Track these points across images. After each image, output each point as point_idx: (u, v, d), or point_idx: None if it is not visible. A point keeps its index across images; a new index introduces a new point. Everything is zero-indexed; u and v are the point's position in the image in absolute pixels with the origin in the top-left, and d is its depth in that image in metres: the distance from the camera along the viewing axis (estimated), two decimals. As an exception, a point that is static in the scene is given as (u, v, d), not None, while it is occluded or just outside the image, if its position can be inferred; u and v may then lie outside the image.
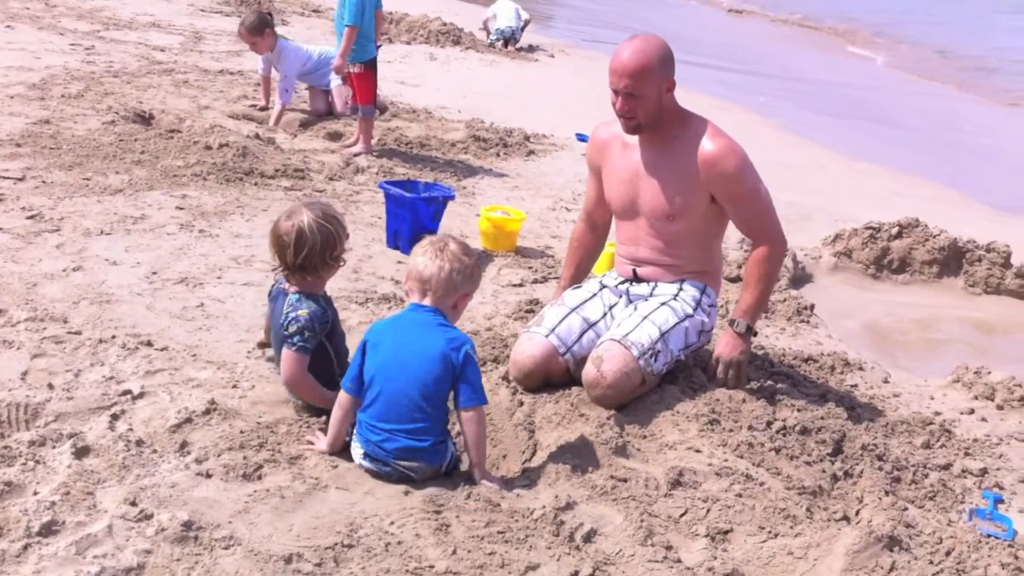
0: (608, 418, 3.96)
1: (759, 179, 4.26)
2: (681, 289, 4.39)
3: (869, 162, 10.93)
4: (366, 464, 3.40)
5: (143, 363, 3.98)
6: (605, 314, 4.42)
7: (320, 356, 3.68)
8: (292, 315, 3.60)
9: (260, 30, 8.54)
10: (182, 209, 5.92)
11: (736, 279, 6.14)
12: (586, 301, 4.44)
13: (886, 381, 5.06)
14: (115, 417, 3.51)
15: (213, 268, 5.11)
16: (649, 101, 4.10)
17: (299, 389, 3.65)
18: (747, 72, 16.73)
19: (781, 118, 12.84)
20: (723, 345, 4.29)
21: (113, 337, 4.16)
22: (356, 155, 7.74)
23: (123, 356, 4.01)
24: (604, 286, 4.52)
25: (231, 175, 6.68)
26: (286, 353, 3.61)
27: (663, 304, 4.30)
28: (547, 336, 4.26)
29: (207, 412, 3.58)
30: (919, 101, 15.24)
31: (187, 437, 3.44)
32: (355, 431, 3.46)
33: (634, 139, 4.31)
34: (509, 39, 15.44)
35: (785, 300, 5.85)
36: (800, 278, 6.62)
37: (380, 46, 8.05)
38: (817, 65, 18.41)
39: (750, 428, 3.99)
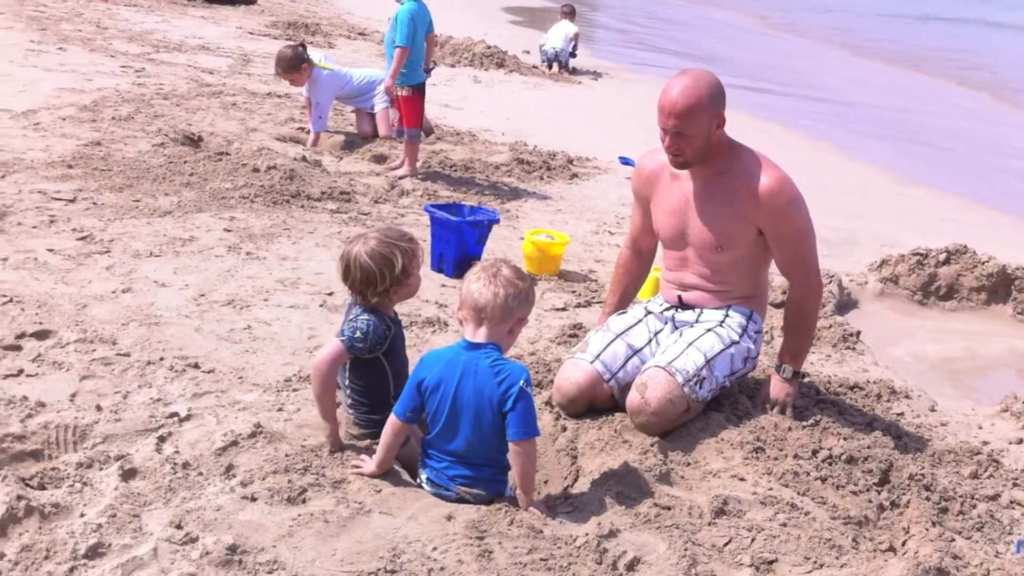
0: (652, 445, 3.95)
1: (809, 219, 4.24)
2: (727, 315, 4.37)
3: (916, 185, 10.85)
4: (428, 488, 3.44)
5: (190, 385, 4.02)
6: (650, 340, 4.41)
7: (374, 371, 3.68)
8: (353, 322, 3.62)
9: (296, 67, 8.67)
10: (230, 231, 5.99)
11: (782, 304, 6.10)
12: (631, 327, 4.43)
13: (933, 410, 5.00)
14: (162, 439, 3.55)
15: (260, 290, 5.17)
16: (698, 139, 4.08)
17: (317, 377, 3.54)
18: (790, 94, 16.67)
19: (826, 141, 12.77)
20: (772, 389, 4.33)
21: (161, 359, 4.21)
22: (401, 178, 7.79)
23: (171, 378, 4.06)
24: (649, 312, 4.51)
25: (278, 197, 6.75)
26: (331, 340, 3.61)
27: (709, 330, 4.29)
28: (592, 362, 4.25)
29: (252, 435, 3.61)
30: (965, 124, 15.09)
31: (233, 460, 3.47)
32: (421, 459, 3.50)
33: (681, 171, 4.30)
34: (554, 60, 15.52)
35: (831, 327, 5.80)
36: (846, 304, 6.56)
37: (430, 70, 8.11)
38: (860, 86, 18.30)
39: (795, 457, 3.96)
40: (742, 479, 3.81)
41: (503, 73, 14.62)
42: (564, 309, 5.61)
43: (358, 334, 3.56)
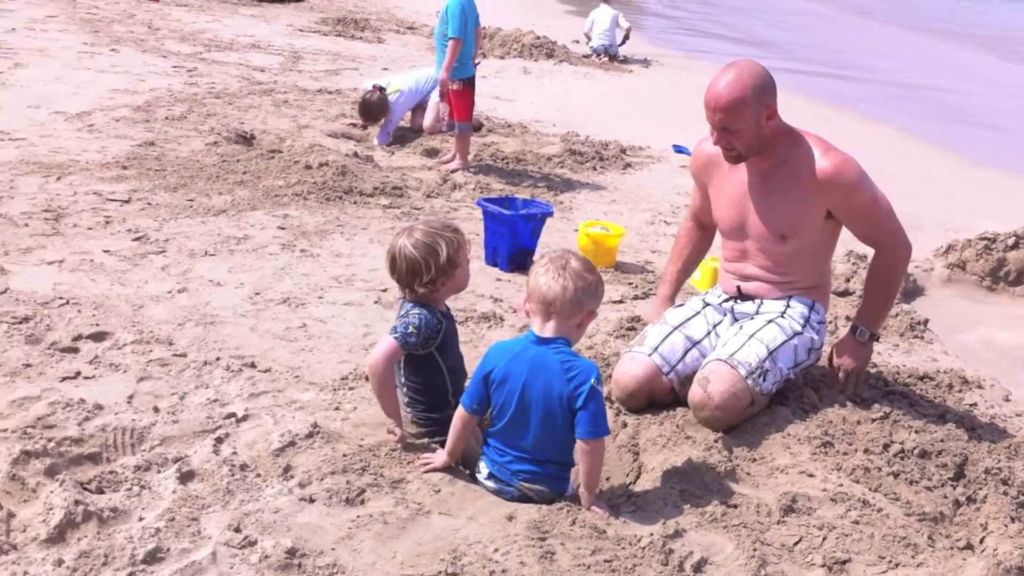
0: (716, 441, 3.84)
1: (876, 187, 4.13)
2: (788, 306, 4.25)
3: (979, 167, 10.58)
4: (490, 484, 3.38)
5: (247, 385, 3.99)
6: (709, 332, 4.31)
7: (428, 367, 3.61)
8: (404, 318, 3.56)
9: (382, 113, 8.61)
10: (284, 229, 5.98)
11: (844, 293, 5.96)
12: (689, 319, 4.33)
13: (1007, 399, 4.83)
14: (219, 440, 3.52)
15: (315, 288, 5.14)
16: (746, 133, 3.99)
17: (374, 376, 3.50)
18: (846, 77, 16.37)
19: (884, 124, 12.51)
20: (845, 353, 4.19)
21: (217, 359, 4.19)
22: (453, 171, 7.75)
23: (227, 378, 4.03)
24: (707, 304, 4.40)
25: (331, 194, 6.73)
26: (384, 337, 3.54)
27: (770, 322, 4.17)
28: (650, 355, 4.16)
29: (310, 435, 3.57)
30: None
31: (290, 461, 3.42)
32: (482, 450, 3.43)
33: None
34: (603, 54, 15.37)
35: (897, 315, 5.64)
36: (912, 291, 6.38)
37: (478, 63, 8.05)
38: (917, 66, 17.92)
39: (866, 451, 3.83)
40: (811, 475, 3.69)
41: (552, 63, 14.51)
42: (621, 302, 5.51)
43: (411, 329, 3.50)
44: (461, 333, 4.71)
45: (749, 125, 3.97)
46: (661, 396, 4.17)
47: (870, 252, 4.45)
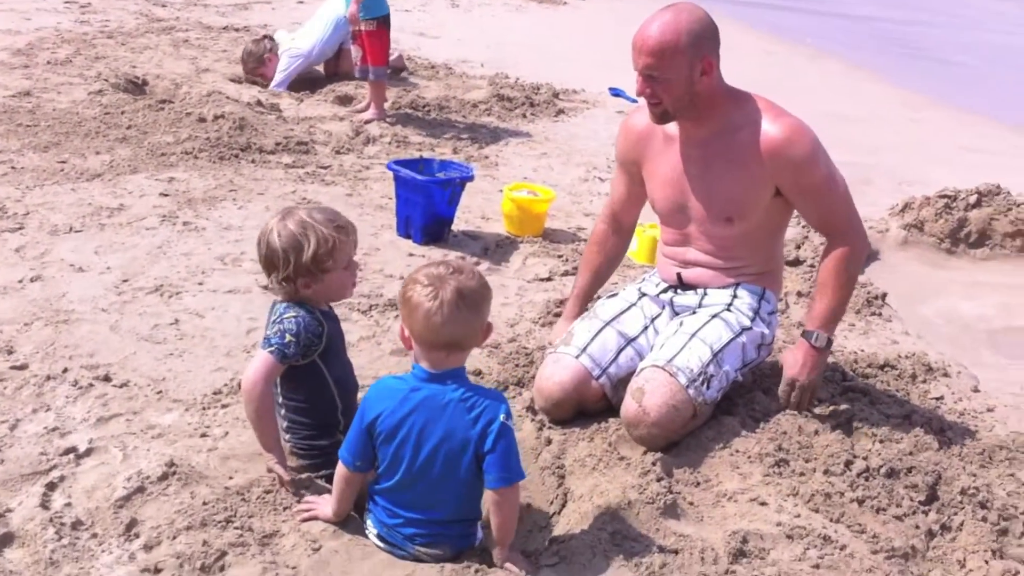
0: (654, 463, 3.28)
1: (832, 165, 3.52)
2: (735, 296, 3.67)
3: (932, 107, 10.05)
4: (381, 545, 2.76)
5: (96, 406, 3.33)
6: (646, 327, 3.73)
7: (312, 380, 2.99)
8: (278, 324, 2.92)
9: (260, 62, 7.80)
10: (167, 196, 5.26)
11: (795, 262, 5.41)
12: (622, 312, 3.74)
13: (976, 390, 4.33)
14: (52, 487, 2.88)
15: (195, 271, 4.45)
16: (676, 85, 3.36)
17: (251, 399, 2.87)
18: (795, 8, 15.72)
19: (834, 61, 11.92)
20: (796, 364, 3.56)
21: (65, 371, 3.52)
22: (367, 122, 7.03)
23: (73, 397, 3.37)
24: (644, 294, 3.81)
25: (226, 152, 6.00)
26: (257, 352, 2.92)
27: (714, 316, 3.59)
28: (577, 357, 3.57)
29: (164, 477, 2.94)
30: (982, 35, 14.20)
31: (136, 513, 2.79)
32: (368, 506, 2.80)
33: (676, 130, 3.57)
34: (538, -19, 14.57)
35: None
36: (866, 256, 5.84)
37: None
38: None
39: (826, 472, 3.30)
40: (763, 503, 3.17)
41: (484, -5, 13.70)
42: (549, 279, 4.90)
43: (288, 337, 2.86)
44: (364, 326, 4.12)
45: (680, 76, 3.35)
46: (591, 404, 3.60)
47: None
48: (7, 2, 9.40)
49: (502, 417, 2.59)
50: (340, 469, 2.76)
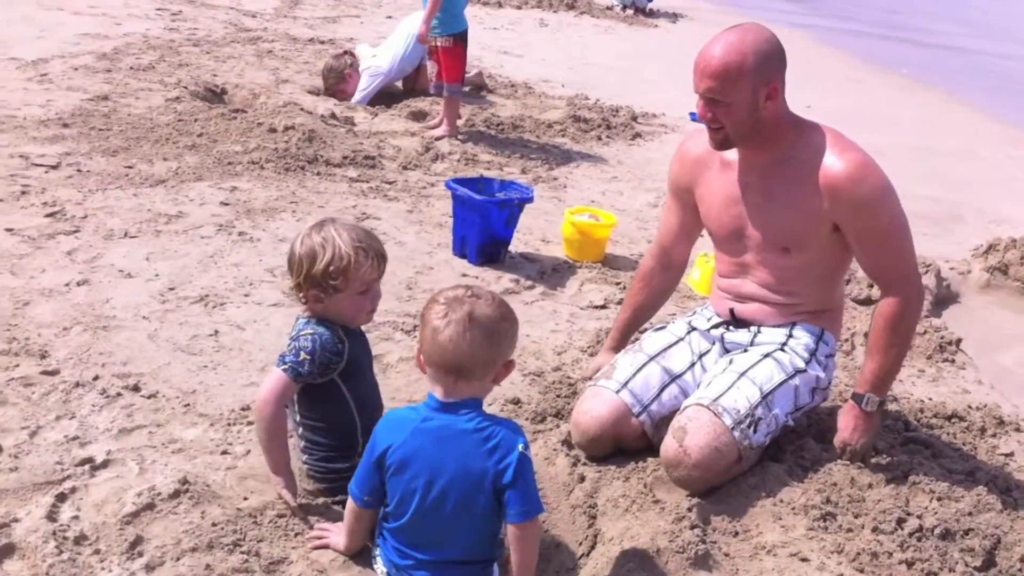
0: (690, 509, 3.08)
1: (900, 210, 3.28)
2: (791, 335, 3.46)
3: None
4: None
5: (120, 417, 3.27)
6: (693, 364, 3.54)
7: (331, 399, 2.89)
8: (294, 341, 2.83)
9: (341, 78, 7.80)
10: (227, 204, 5.23)
11: (867, 301, 5.16)
12: (669, 347, 3.56)
13: (1051, 448, 4.04)
14: (62, 498, 2.82)
15: (242, 283, 4.39)
16: (738, 109, 3.17)
17: (260, 419, 2.81)
18: (888, 37, 15.29)
19: (928, 92, 11.52)
20: (848, 428, 3.35)
21: (95, 378, 3.47)
22: (438, 139, 6.95)
23: (99, 406, 3.31)
24: (693, 328, 3.63)
25: (292, 163, 5.97)
26: (271, 370, 2.84)
27: (767, 356, 3.39)
28: (618, 392, 3.40)
29: (175, 495, 2.86)
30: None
31: (143, 531, 2.72)
32: (377, 541, 2.66)
33: (735, 155, 3.39)
34: (630, 6, 14.43)
35: (925, 332, 4.83)
36: (944, 298, 5.57)
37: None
38: (976, 29, 16.79)
39: (875, 529, 3.07)
40: (804, 559, 2.95)
41: (573, 15, 13.59)
42: (603, 307, 4.74)
43: (302, 355, 2.77)
44: (406, 346, 4.01)
45: (743, 100, 3.16)
46: (630, 442, 3.42)
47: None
48: (101, 6, 9.58)
49: (520, 447, 2.45)
50: (349, 503, 2.65)
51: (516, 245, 5.24)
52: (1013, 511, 3.36)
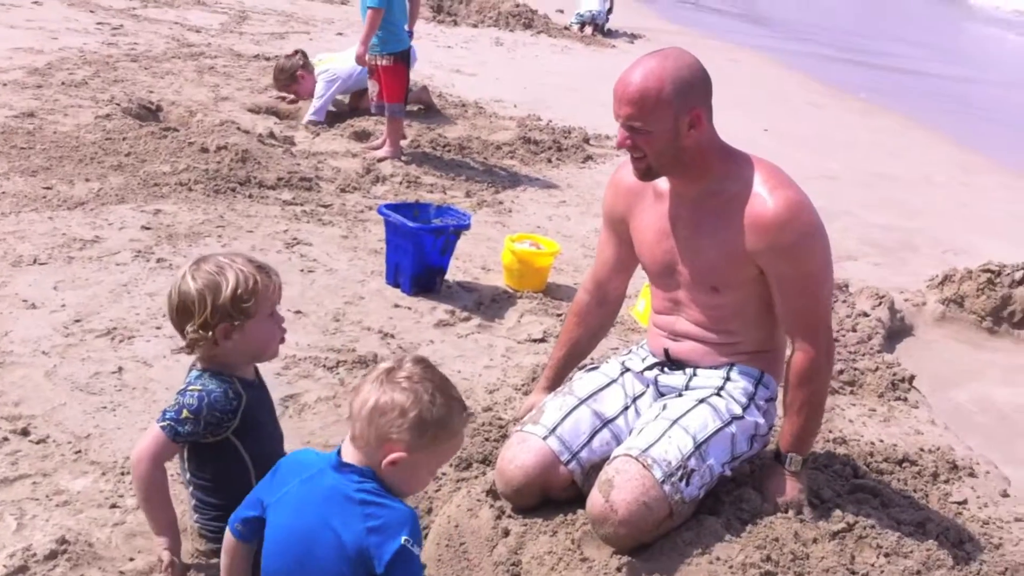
0: (619, 569, 2.87)
1: (828, 259, 3.10)
2: (728, 378, 3.24)
3: (992, 174, 9.51)
4: None
5: (4, 465, 3.01)
6: (627, 407, 3.31)
7: (223, 456, 2.62)
8: (180, 396, 2.58)
9: (292, 78, 7.60)
10: (148, 229, 4.96)
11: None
12: (601, 389, 3.32)
13: (1005, 495, 3.85)
14: (-75, 560, 2.55)
15: (155, 314, 4.12)
16: (659, 138, 2.96)
17: (136, 478, 2.55)
18: (850, 60, 15.25)
19: (886, 117, 11.42)
20: (779, 491, 3.16)
21: (-19, 421, 3.20)
22: (380, 160, 6.72)
23: (-19, 453, 3.04)
24: (627, 369, 3.40)
25: (222, 185, 5.71)
26: (151, 426, 2.57)
27: (701, 402, 3.16)
28: (545, 439, 3.16)
29: (52, 556, 2.60)
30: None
31: (9, 599, 2.46)
32: None
33: (667, 186, 3.19)
34: (589, 23, 14.28)
35: (877, 369, 4.64)
36: (898, 331, 5.39)
37: (410, 34, 6.99)
38: (940, 53, 16.79)
39: (818, 590, 2.86)
40: (744, 627, 2.73)
41: (530, 35, 13.42)
42: (543, 340, 4.51)
43: (184, 414, 2.51)
44: (324, 385, 3.76)
45: (664, 129, 2.95)
46: (558, 491, 3.18)
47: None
48: (40, 20, 9.28)
49: (404, 539, 2.14)
50: (225, 536, 2.39)
51: (454, 273, 5.01)
52: (965, 566, 3.16)
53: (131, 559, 2.67)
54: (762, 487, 3.25)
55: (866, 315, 5.18)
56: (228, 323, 2.53)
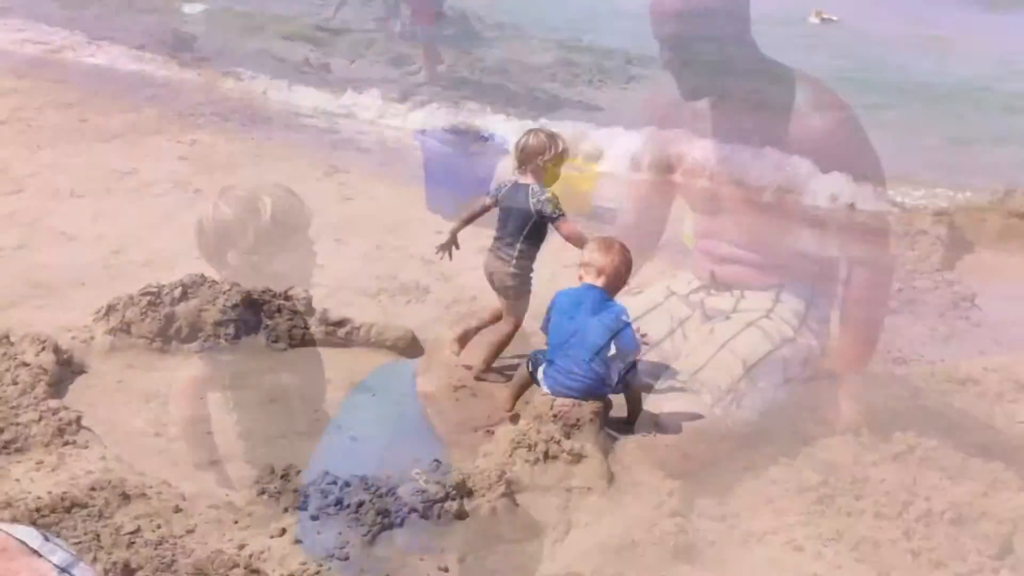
0: (670, 493, 2.82)
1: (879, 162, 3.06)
2: (778, 300, 3.17)
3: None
4: None
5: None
6: (672, 331, 3.24)
7: None
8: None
9: None
10: (184, 159, 4.94)
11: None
12: (647, 313, 3.27)
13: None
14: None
15: (194, 244, 4.09)
16: (706, 52, 2.94)
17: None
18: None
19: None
20: (833, 411, 3.10)
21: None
22: (418, 85, 6.65)
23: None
24: (672, 292, 3.34)
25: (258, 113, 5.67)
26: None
27: (750, 325, 3.10)
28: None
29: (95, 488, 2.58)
30: None
31: None
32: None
33: (707, 105, 3.10)
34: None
35: (936, 287, 4.54)
36: (956, 244, 5.22)
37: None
38: None
39: (878, 515, 2.79)
40: (799, 548, 2.67)
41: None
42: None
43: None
44: (368, 311, 3.73)
45: (713, 36, 2.98)
46: (604, 415, 3.15)
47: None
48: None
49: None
50: None
51: (496, 199, 4.94)
52: (1030, 484, 3.10)
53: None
54: (818, 409, 3.19)
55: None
56: (272, 248, 2.64)
